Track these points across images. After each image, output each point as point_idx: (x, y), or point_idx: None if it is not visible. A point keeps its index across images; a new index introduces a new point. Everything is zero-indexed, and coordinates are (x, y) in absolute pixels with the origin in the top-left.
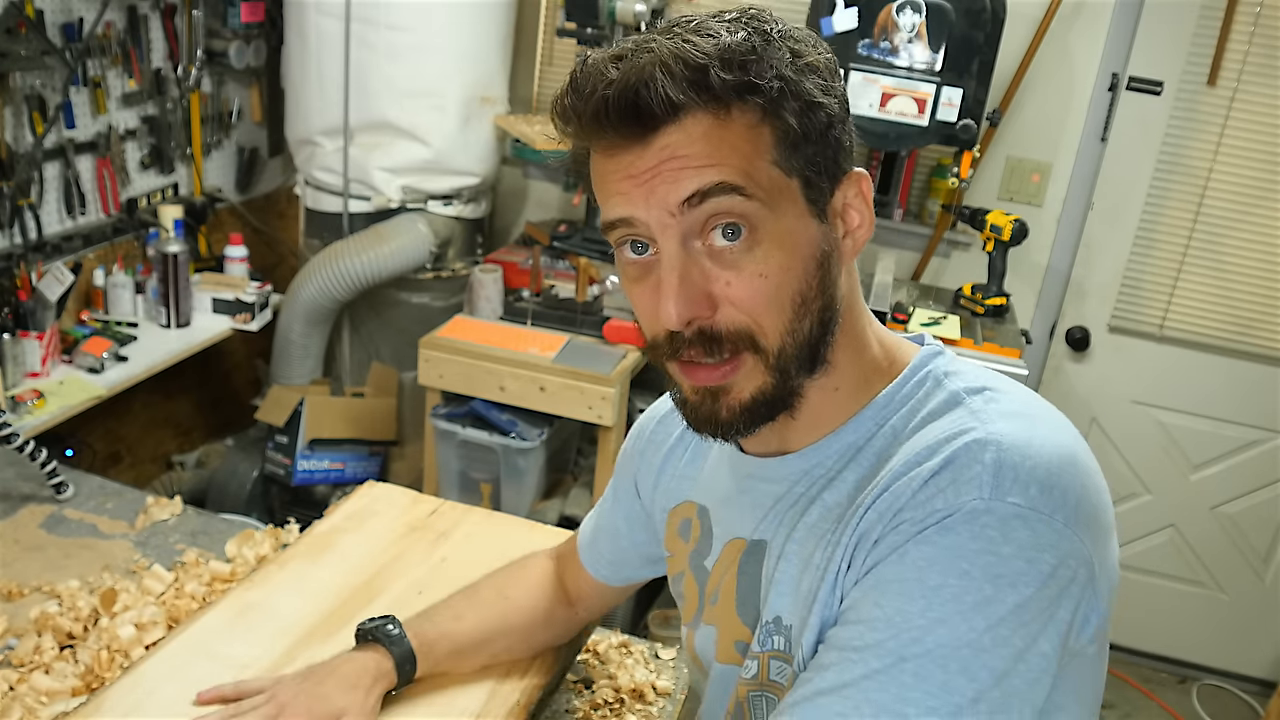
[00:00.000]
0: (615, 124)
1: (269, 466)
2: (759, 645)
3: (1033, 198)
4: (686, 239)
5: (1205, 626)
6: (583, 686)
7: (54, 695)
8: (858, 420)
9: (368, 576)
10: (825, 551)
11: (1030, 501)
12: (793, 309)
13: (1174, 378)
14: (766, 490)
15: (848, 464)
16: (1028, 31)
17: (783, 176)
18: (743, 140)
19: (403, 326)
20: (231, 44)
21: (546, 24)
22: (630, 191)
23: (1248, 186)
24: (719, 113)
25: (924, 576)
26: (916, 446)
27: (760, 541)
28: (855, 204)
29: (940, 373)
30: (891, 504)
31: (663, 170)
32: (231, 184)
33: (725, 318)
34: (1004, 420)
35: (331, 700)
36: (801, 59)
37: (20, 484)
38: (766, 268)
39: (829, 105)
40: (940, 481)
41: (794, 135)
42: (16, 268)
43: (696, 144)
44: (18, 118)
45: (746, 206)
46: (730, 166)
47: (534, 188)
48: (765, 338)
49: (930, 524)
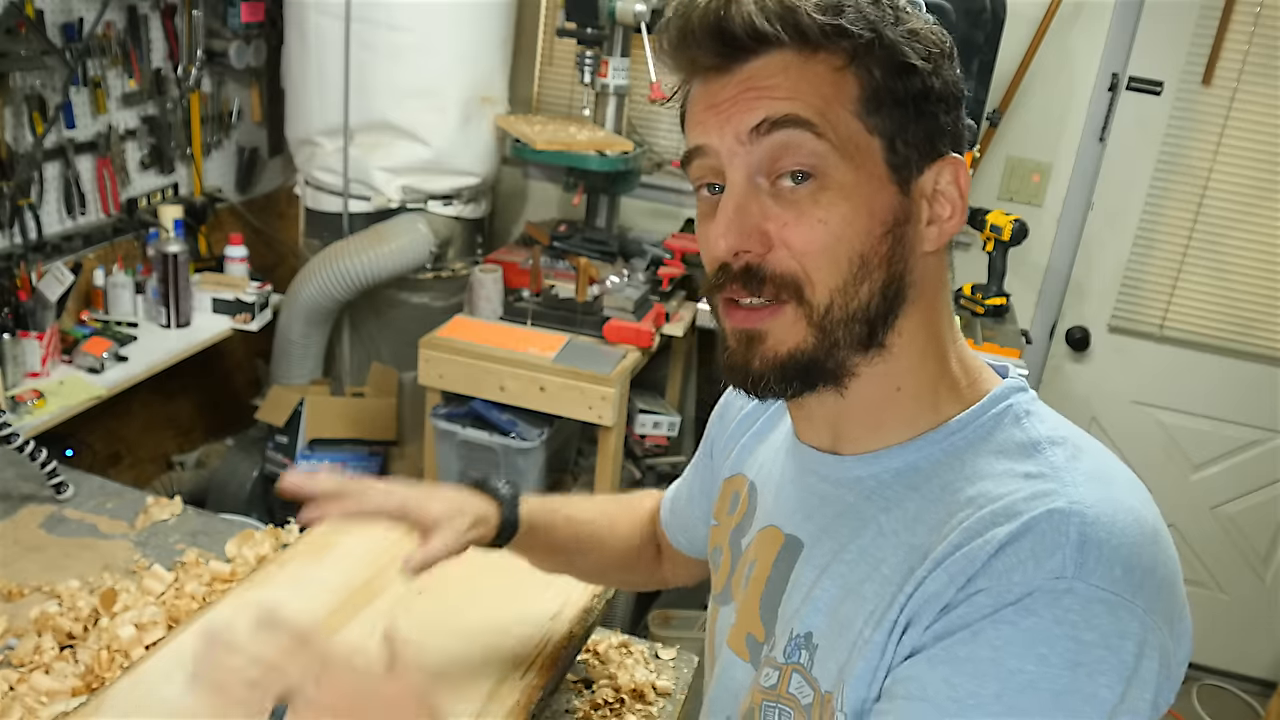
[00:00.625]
0: (701, 48)
1: (269, 466)
2: (784, 656)
3: (1033, 198)
4: (753, 173)
5: (1205, 626)
6: (583, 686)
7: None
8: (924, 441)
9: (368, 576)
10: (879, 590)
11: (1114, 584)
12: (849, 267)
13: (1174, 378)
14: (814, 488)
15: (909, 490)
16: (1028, 31)
17: (864, 131)
18: (824, 82)
19: (403, 326)
20: (231, 44)
21: (546, 24)
22: (708, 120)
23: (1247, 186)
24: (804, 50)
25: (1000, 659)
26: (992, 497)
27: (797, 540)
28: (948, 191)
29: (1021, 410)
30: (965, 567)
31: (740, 99)
32: (231, 184)
33: (775, 259)
34: (1087, 485)
35: (430, 507)
36: (904, 24)
37: (20, 484)
38: (829, 215)
39: (925, 73)
40: (1020, 551)
41: (880, 92)
42: (16, 268)
43: (776, 76)
44: (18, 118)
45: (817, 146)
46: (805, 102)
47: (534, 188)
48: (813, 290)
49: (1008, 601)
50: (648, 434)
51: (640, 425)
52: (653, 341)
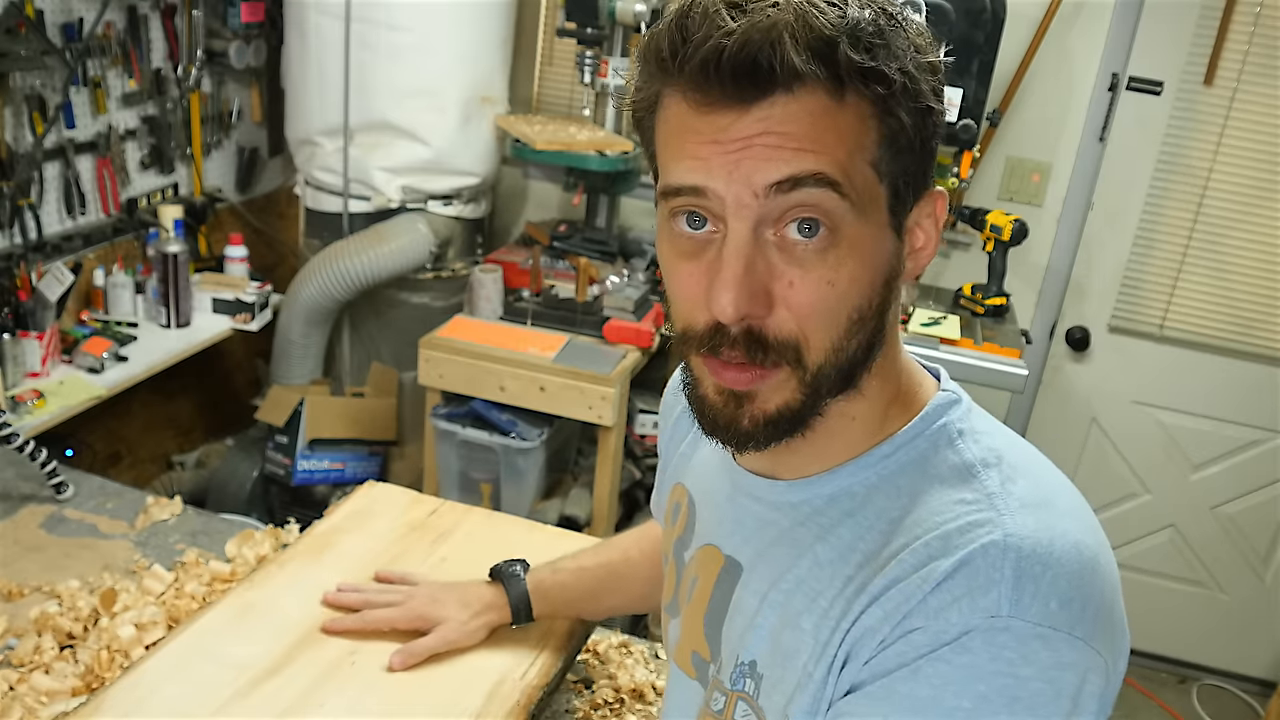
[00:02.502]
0: (723, 79)
1: (269, 466)
2: (730, 683)
3: (1033, 198)
4: (760, 225)
5: (1205, 626)
6: (583, 686)
7: (54, 695)
8: (858, 465)
9: (368, 576)
10: (819, 624)
11: (1050, 618)
12: (847, 325)
13: (1174, 378)
14: (751, 510)
15: (844, 516)
16: (1028, 31)
17: (875, 180)
18: (850, 131)
19: (403, 326)
20: (231, 44)
21: (546, 24)
22: (711, 159)
23: (1248, 186)
24: (835, 93)
25: (940, 697)
26: (926, 529)
27: (736, 563)
28: (925, 224)
29: (954, 430)
30: (900, 604)
31: (756, 144)
32: (231, 184)
33: (777, 323)
34: (1024, 513)
35: (442, 608)
36: (923, 55)
37: (20, 484)
38: (837, 275)
39: (939, 114)
40: (955, 588)
41: (901, 138)
42: (16, 268)
43: (801, 122)
44: (18, 118)
45: (837, 205)
46: (832, 157)
47: (534, 188)
48: (809, 353)
49: (945, 640)
50: (648, 434)
51: (640, 425)
52: (653, 341)
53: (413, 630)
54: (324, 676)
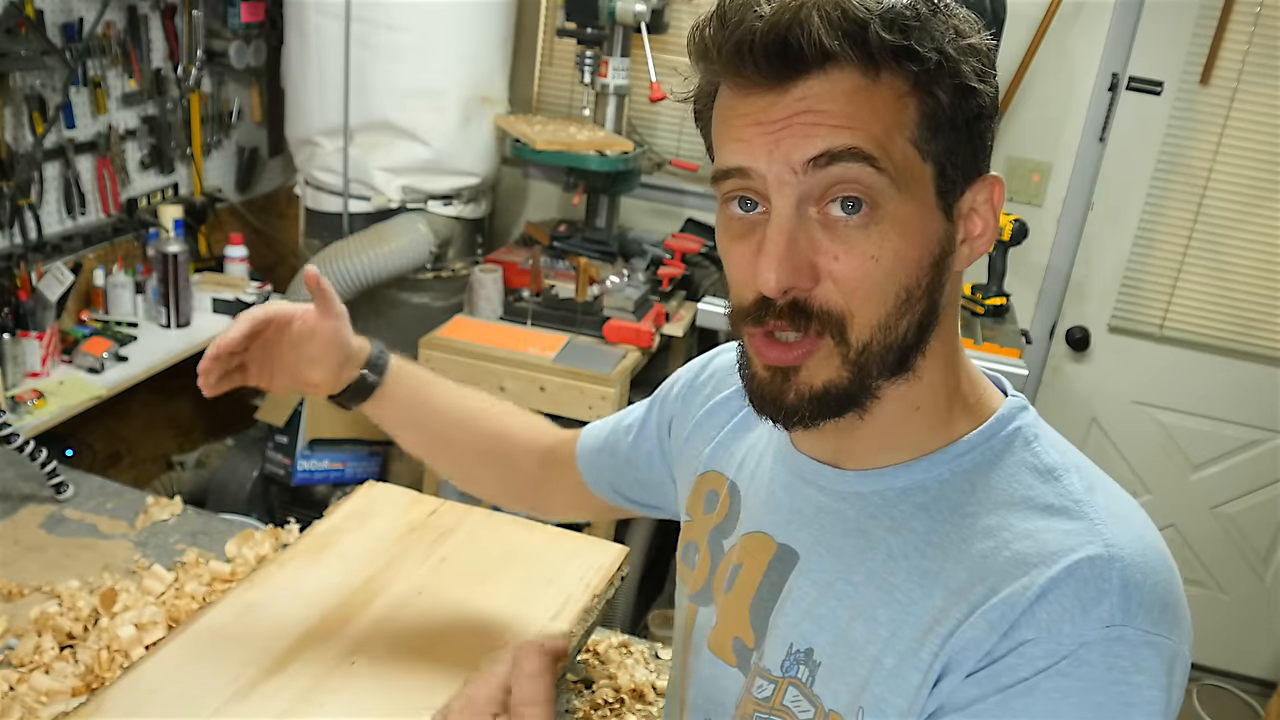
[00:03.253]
0: (757, 61)
1: (269, 466)
2: (779, 670)
3: (1033, 198)
4: (802, 202)
5: (1205, 626)
6: (583, 686)
7: (54, 695)
8: (931, 461)
9: (368, 576)
10: (896, 616)
11: (1155, 625)
12: (895, 302)
13: (1174, 378)
14: (811, 499)
15: (916, 510)
16: (1028, 31)
17: (918, 159)
18: (887, 108)
19: (403, 326)
20: (231, 44)
21: (546, 24)
22: (754, 139)
23: (1248, 186)
24: (869, 72)
25: (1058, 710)
26: (1017, 533)
27: (791, 551)
28: (982, 209)
29: (1030, 433)
30: (1005, 614)
31: (795, 122)
32: (231, 184)
33: (822, 294)
34: (1115, 523)
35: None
36: (964, 39)
37: (20, 484)
38: (881, 250)
39: (983, 94)
40: (1064, 600)
41: (940, 117)
42: (16, 268)
43: (838, 100)
44: (18, 118)
45: (875, 179)
46: (868, 133)
47: (534, 188)
48: (854, 328)
49: (1062, 654)
50: None
51: None
52: (653, 341)
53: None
54: (324, 676)
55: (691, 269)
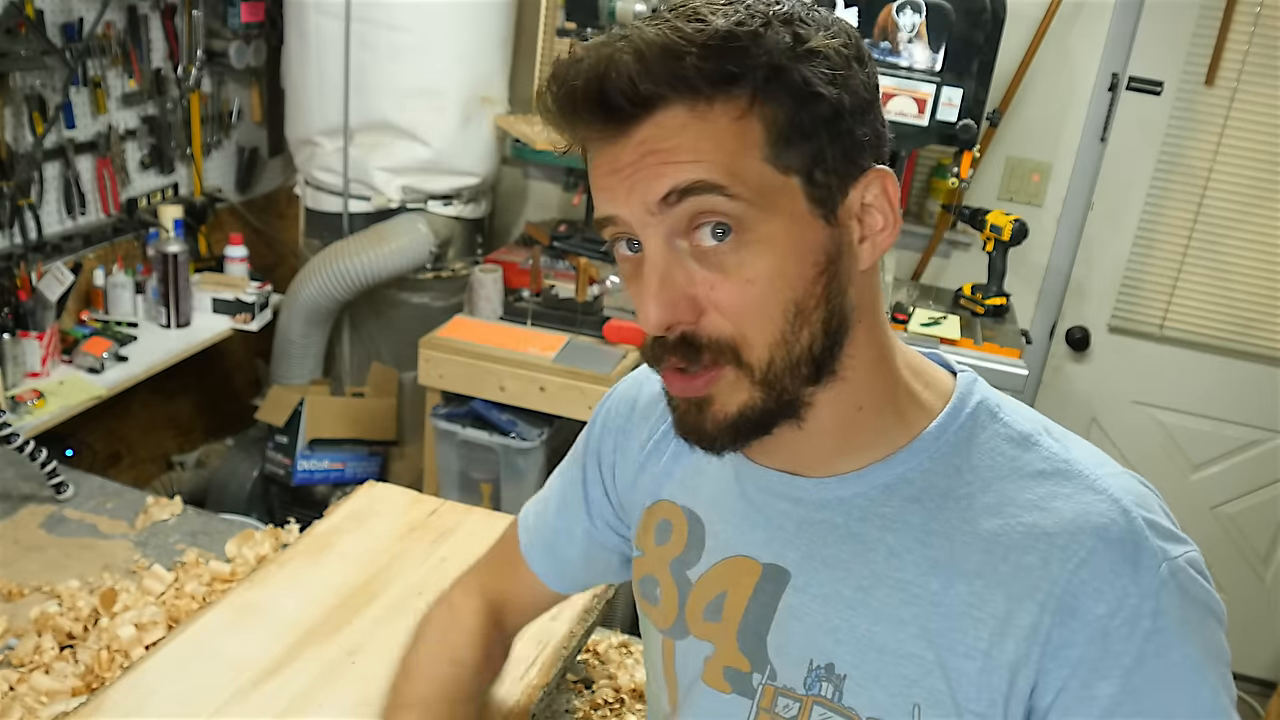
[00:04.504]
0: (586, 117)
1: (269, 466)
2: (804, 688)
3: (1033, 198)
4: (670, 237)
5: None
6: (583, 686)
7: (54, 695)
8: (907, 453)
9: (368, 576)
10: (924, 611)
11: (1180, 541)
12: (785, 320)
13: (1174, 378)
14: (787, 512)
15: (907, 502)
16: (1028, 31)
17: (776, 174)
18: (726, 134)
19: (403, 326)
20: (231, 44)
21: (546, 24)
22: (613, 188)
23: (1248, 186)
24: (697, 105)
25: (1185, 656)
26: (1026, 510)
27: (780, 569)
28: (878, 204)
29: (993, 404)
30: (1051, 593)
31: (641, 165)
32: (231, 184)
33: (709, 325)
34: (1101, 470)
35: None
36: (804, 43)
37: (20, 484)
38: (754, 273)
39: (832, 95)
40: (1114, 564)
41: (788, 128)
42: (16, 268)
43: (674, 138)
44: (18, 118)
45: (730, 206)
46: (712, 163)
47: (534, 188)
48: (750, 351)
49: (1145, 615)
50: None
51: None
52: None
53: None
54: (324, 676)
55: None
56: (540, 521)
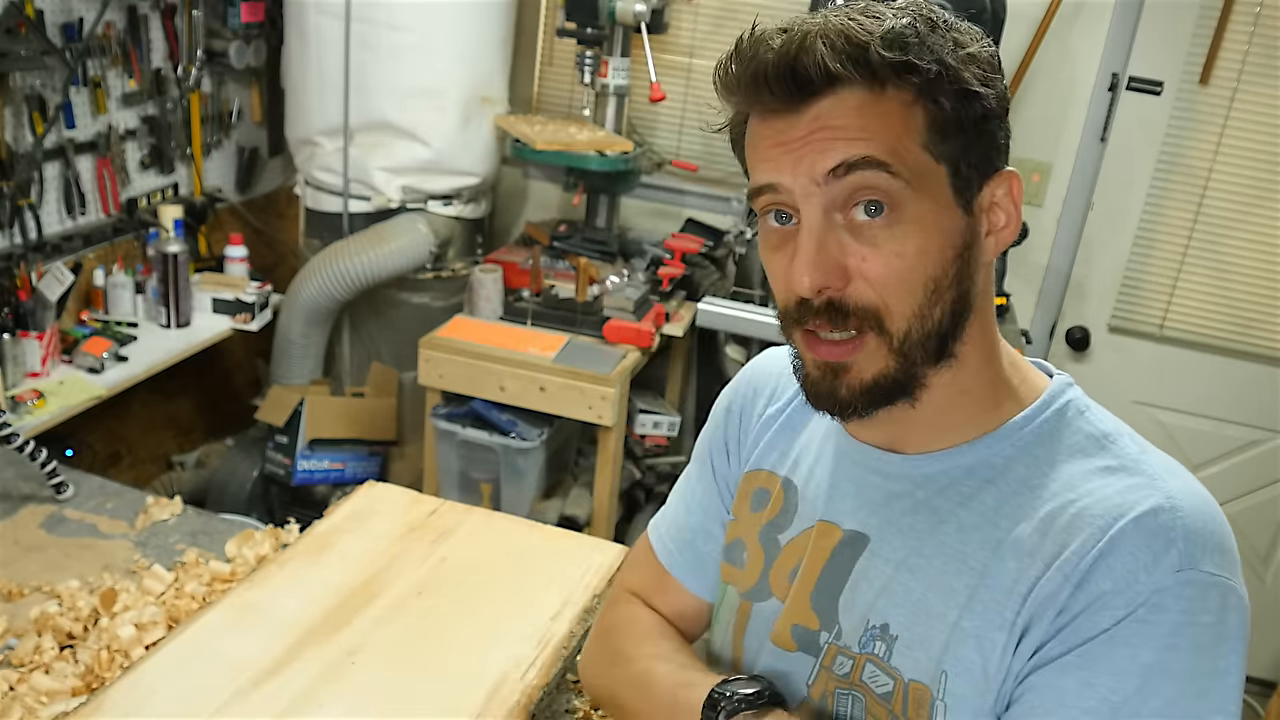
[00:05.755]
0: (772, 89)
1: (269, 466)
2: (858, 646)
3: (1033, 198)
4: (828, 210)
5: None
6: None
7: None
8: (993, 439)
9: (368, 576)
10: (970, 582)
11: (1219, 567)
12: (925, 293)
13: (1174, 378)
14: (877, 485)
15: (984, 484)
16: (1028, 31)
17: (931, 161)
18: (894, 118)
19: (403, 326)
20: (231, 44)
21: (546, 24)
22: (779, 158)
23: (1248, 186)
24: (874, 88)
25: (1137, 656)
26: (1081, 493)
27: (860, 535)
28: (1003, 203)
29: (1081, 405)
30: (1075, 567)
31: (812, 139)
32: (231, 184)
33: (855, 293)
34: (1171, 478)
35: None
36: (963, 49)
37: (20, 484)
38: (904, 247)
39: (986, 97)
40: (1136, 551)
41: (947, 121)
42: (16, 268)
43: (848, 116)
44: (18, 118)
45: (891, 184)
46: (879, 142)
47: (534, 188)
48: (891, 319)
49: (1139, 603)
50: (648, 434)
51: (640, 425)
52: (653, 341)
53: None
54: (324, 676)
55: (691, 269)
56: (675, 529)
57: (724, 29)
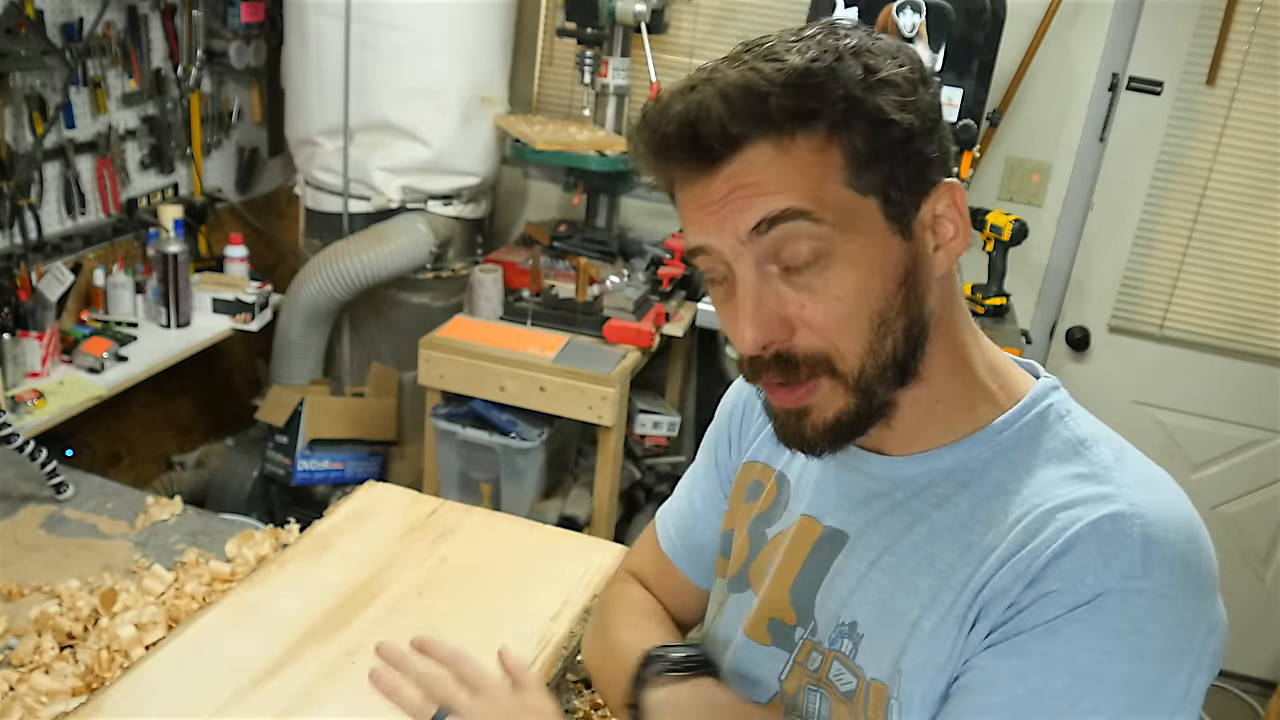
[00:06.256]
0: (679, 158)
1: (269, 466)
2: (828, 642)
3: (1033, 198)
4: (760, 263)
5: None
6: (583, 686)
7: (54, 695)
8: (971, 442)
9: (368, 576)
10: (935, 583)
11: (1176, 579)
12: (872, 330)
13: (1174, 378)
14: (859, 483)
15: (960, 487)
16: (1028, 31)
17: (856, 197)
18: (809, 164)
19: (403, 326)
20: (231, 44)
21: (546, 24)
22: (704, 220)
23: (1248, 186)
24: (781, 140)
25: (1073, 654)
26: (1049, 497)
27: (839, 533)
28: (948, 214)
29: (1062, 409)
30: (1029, 567)
31: (731, 200)
32: (231, 184)
33: (802, 342)
34: (1142, 487)
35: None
36: (875, 74)
37: (20, 484)
38: (842, 290)
39: (904, 120)
40: (1087, 552)
41: (864, 155)
42: (16, 268)
43: (760, 172)
44: (18, 118)
45: (817, 230)
46: (797, 191)
47: (534, 188)
48: (843, 360)
49: (1081, 603)
50: (648, 434)
51: (640, 425)
52: (653, 341)
53: None
54: (324, 676)
55: (691, 269)
56: (678, 518)
57: (724, 29)
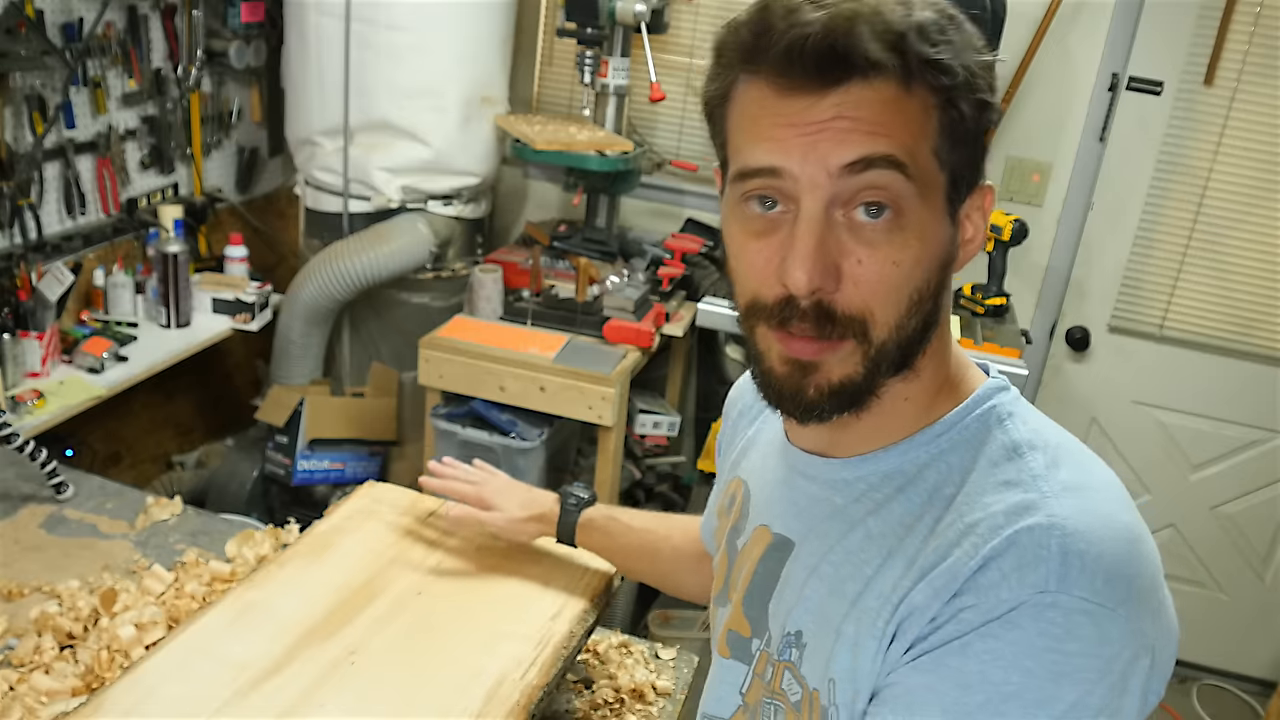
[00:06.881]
0: (804, 66)
1: (269, 466)
2: (778, 654)
3: (1033, 198)
4: (831, 205)
5: (1205, 626)
6: (583, 686)
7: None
8: (910, 444)
9: (368, 576)
10: (860, 590)
11: (1096, 594)
12: (909, 304)
13: (1174, 378)
14: (803, 489)
15: (896, 492)
16: (1028, 31)
17: (936, 168)
18: (917, 119)
19: (403, 326)
20: (231, 44)
21: (546, 24)
22: (788, 140)
23: (1248, 186)
24: (905, 83)
25: (987, 671)
26: (972, 508)
27: (786, 540)
28: (975, 216)
29: (1004, 411)
30: (949, 582)
31: (831, 127)
32: (231, 184)
33: (845, 298)
34: (1068, 496)
35: (505, 500)
36: (980, 54)
37: (20, 484)
38: (902, 255)
39: (994, 109)
40: (1004, 567)
41: (960, 129)
42: (16, 268)
43: (874, 108)
44: (18, 118)
45: (903, 187)
46: (900, 141)
47: (534, 188)
48: (875, 328)
49: (995, 617)
50: (648, 434)
51: (640, 425)
52: (653, 341)
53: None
54: (324, 676)
55: (691, 269)
56: (706, 514)
57: None
